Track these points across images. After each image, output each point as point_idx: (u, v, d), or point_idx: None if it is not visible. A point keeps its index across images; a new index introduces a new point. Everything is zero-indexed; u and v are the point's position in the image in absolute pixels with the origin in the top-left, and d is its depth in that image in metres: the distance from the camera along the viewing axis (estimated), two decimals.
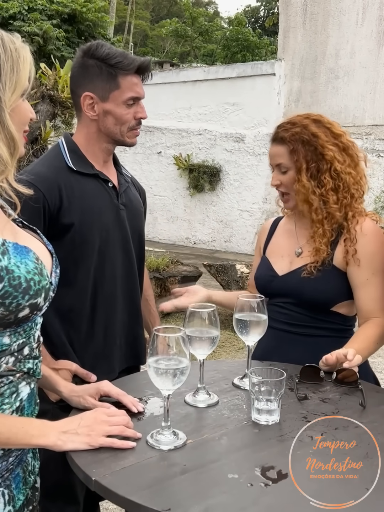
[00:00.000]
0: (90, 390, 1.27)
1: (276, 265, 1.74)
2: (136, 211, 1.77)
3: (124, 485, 0.96)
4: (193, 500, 0.93)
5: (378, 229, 1.66)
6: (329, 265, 1.64)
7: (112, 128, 1.62)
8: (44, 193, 1.53)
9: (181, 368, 1.09)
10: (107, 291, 1.65)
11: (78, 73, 1.62)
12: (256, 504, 0.92)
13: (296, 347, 1.63)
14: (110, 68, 1.56)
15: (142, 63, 1.59)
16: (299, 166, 1.64)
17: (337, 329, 1.67)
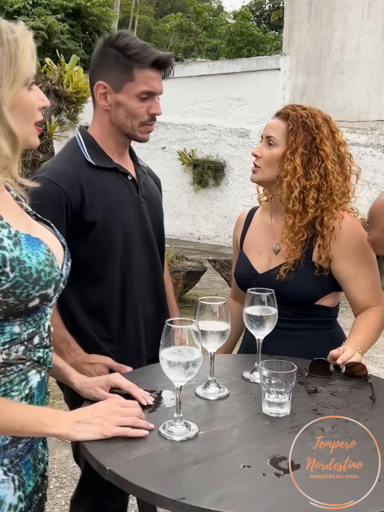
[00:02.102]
0: (101, 382, 1.28)
1: (255, 263, 1.74)
2: (155, 202, 1.77)
3: (138, 475, 0.98)
4: (207, 489, 0.94)
5: (358, 223, 1.67)
6: (305, 263, 1.63)
7: (124, 121, 1.59)
8: (66, 190, 1.52)
9: (193, 360, 1.10)
10: (135, 285, 1.66)
11: (96, 61, 1.60)
12: (268, 494, 0.94)
13: (283, 341, 1.62)
14: (127, 59, 1.53)
15: (160, 57, 1.55)
16: (295, 147, 1.62)
17: (322, 321, 1.69)
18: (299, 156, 1.61)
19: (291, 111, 1.66)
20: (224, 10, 38.17)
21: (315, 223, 1.64)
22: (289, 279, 1.63)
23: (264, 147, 1.70)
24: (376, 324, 1.63)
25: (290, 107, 1.69)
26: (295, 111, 1.65)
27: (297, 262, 1.63)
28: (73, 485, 2.73)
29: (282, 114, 1.68)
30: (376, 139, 9.17)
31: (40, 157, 5.44)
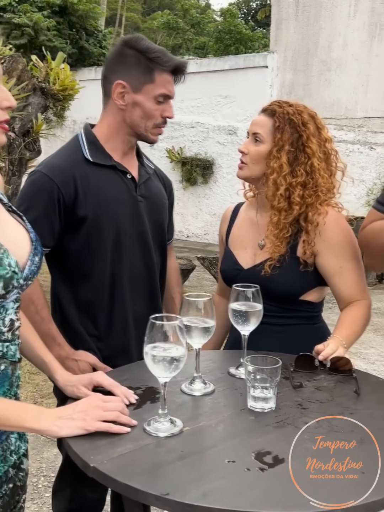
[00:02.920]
0: (84, 380, 1.28)
1: (240, 258, 1.74)
2: (157, 203, 1.76)
3: (122, 471, 0.98)
4: (191, 485, 0.94)
5: (342, 218, 1.67)
6: (290, 258, 1.63)
7: (138, 121, 1.61)
8: (58, 184, 1.54)
9: (177, 356, 1.10)
10: (125, 283, 1.65)
11: (114, 60, 1.62)
12: (253, 488, 0.94)
13: (268, 337, 1.62)
14: (149, 61, 1.56)
15: (180, 63, 1.60)
16: (281, 145, 1.62)
17: (306, 316, 1.70)
18: (285, 154, 1.61)
19: (277, 108, 1.66)
20: (212, 7, 38.15)
21: (299, 218, 1.65)
22: (274, 274, 1.63)
23: (251, 144, 1.70)
24: (361, 319, 1.64)
25: (276, 103, 1.69)
26: (281, 108, 1.65)
27: (282, 257, 1.63)
28: None
29: (269, 111, 1.68)
30: (363, 136, 9.22)
31: (27, 155, 5.40)
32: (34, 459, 2.92)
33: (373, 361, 4.68)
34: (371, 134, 9.16)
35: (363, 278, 1.70)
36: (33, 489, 2.66)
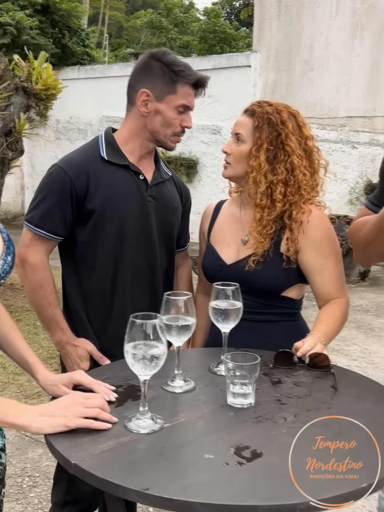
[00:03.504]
0: (64, 379, 1.29)
1: (223, 254, 1.76)
2: (167, 206, 1.82)
3: (103, 468, 0.99)
4: (171, 480, 0.96)
5: (324, 216, 1.71)
6: (274, 254, 1.66)
7: (158, 128, 1.71)
8: (72, 177, 1.66)
9: (158, 354, 1.12)
10: (127, 278, 1.74)
11: (141, 70, 1.72)
12: (231, 482, 0.96)
13: (249, 333, 1.65)
14: (173, 73, 1.66)
15: (201, 78, 1.70)
16: (260, 144, 1.65)
17: (287, 313, 1.73)
18: (264, 152, 1.64)
19: (257, 108, 1.69)
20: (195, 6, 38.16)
21: (283, 216, 1.68)
22: (258, 269, 1.66)
23: (233, 144, 1.73)
24: (340, 316, 1.67)
25: (256, 103, 1.72)
26: (261, 108, 1.68)
27: (266, 253, 1.66)
28: (46, 483, 2.73)
29: (249, 111, 1.71)
30: (346, 135, 9.31)
31: (10, 155, 5.38)
32: (18, 459, 2.92)
33: (355, 358, 4.74)
34: (353, 133, 9.25)
35: (342, 277, 1.73)
36: (18, 489, 2.66)
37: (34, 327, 5.01)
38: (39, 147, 12.28)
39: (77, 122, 11.97)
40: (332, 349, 4.97)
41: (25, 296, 5.85)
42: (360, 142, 9.16)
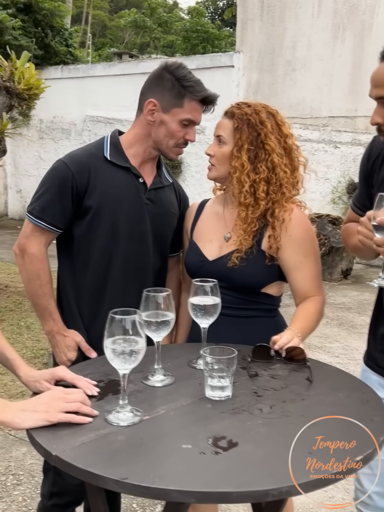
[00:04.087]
0: (46, 375, 1.31)
1: (205, 250, 1.80)
2: (164, 210, 1.87)
3: (83, 459, 1.02)
4: (149, 469, 0.99)
5: (305, 216, 1.76)
6: (257, 251, 1.70)
7: (161, 138, 1.76)
8: (74, 173, 1.73)
9: (137, 349, 1.15)
10: (119, 275, 1.80)
11: (152, 80, 1.77)
12: (207, 470, 0.99)
13: (228, 328, 1.69)
14: (182, 88, 1.71)
15: (209, 95, 1.74)
16: (241, 144, 1.70)
17: (266, 309, 1.77)
18: (245, 153, 1.69)
19: (236, 110, 1.73)
20: (179, 6, 38.17)
21: (266, 214, 1.72)
22: (239, 266, 1.69)
23: (216, 146, 1.77)
24: (315, 313, 1.72)
25: (235, 105, 1.76)
26: (239, 109, 1.72)
27: (249, 250, 1.70)
28: (30, 481, 2.75)
29: (229, 113, 1.75)
30: (328, 135, 9.40)
31: None
32: (2, 458, 2.93)
33: (337, 355, 4.81)
34: (336, 133, 9.34)
35: (320, 275, 1.78)
36: (2, 488, 2.68)
37: (18, 327, 5.00)
38: (22, 147, 12.20)
39: (61, 122, 11.92)
40: (314, 346, 5.04)
41: (8, 296, 5.84)
42: (342, 142, 9.25)
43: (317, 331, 5.92)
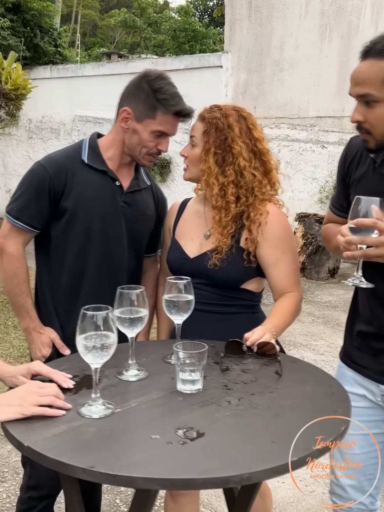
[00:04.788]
0: (22, 370, 1.35)
1: (186, 248, 1.84)
2: (140, 213, 1.90)
3: (54, 449, 1.06)
4: (117, 458, 1.03)
5: (281, 213, 1.80)
6: (236, 250, 1.75)
7: (134, 146, 1.80)
8: (51, 175, 1.76)
9: (108, 343, 1.19)
10: (94, 275, 1.83)
11: (130, 88, 1.80)
12: (173, 459, 1.03)
13: (209, 324, 1.75)
14: (155, 100, 1.73)
15: (183, 110, 1.77)
16: (208, 148, 1.74)
17: (246, 305, 1.81)
18: (212, 156, 1.73)
19: (207, 114, 1.77)
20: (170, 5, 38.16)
21: (242, 216, 1.76)
22: (221, 266, 1.74)
23: (189, 147, 1.81)
24: (291, 309, 1.76)
25: (207, 109, 1.80)
26: (210, 113, 1.76)
27: (228, 250, 1.74)
28: (15, 478, 2.78)
29: (200, 116, 1.79)
30: (316, 135, 9.47)
31: None
32: None
33: (322, 352, 4.87)
34: (323, 133, 9.41)
35: (297, 272, 1.82)
36: None
37: (5, 326, 5.02)
38: (12, 147, 12.19)
39: (50, 122, 11.91)
40: (299, 343, 5.10)
41: None
42: (330, 141, 9.33)
43: (303, 329, 5.99)
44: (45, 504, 1.92)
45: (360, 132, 1.50)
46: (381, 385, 1.57)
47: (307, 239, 7.70)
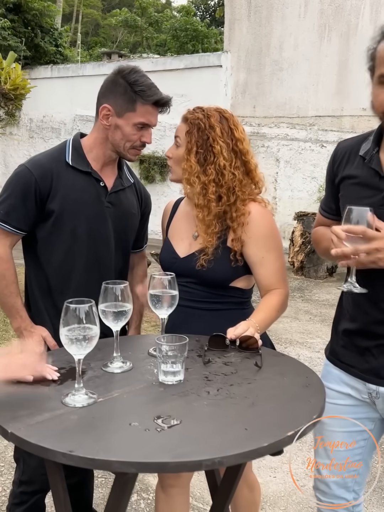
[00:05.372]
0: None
1: (177, 248, 1.89)
2: (124, 212, 1.95)
3: (36, 435, 1.11)
4: (95, 444, 1.08)
5: (265, 212, 1.83)
6: (222, 250, 1.79)
7: (118, 141, 1.83)
8: (36, 178, 1.79)
9: (90, 335, 1.24)
10: (82, 275, 1.88)
11: (106, 86, 1.84)
12: (149, 444, 1.08)
13: (200, 320, 1.79)
14: (133, 93, 1.77)
15: (161, 99, 1.81)
16: (190, 147, 1.78)
17: (236, 302, 1.86)
18: (194, 155, 1.77)
19: (189, 115, 1.81)
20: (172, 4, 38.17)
21: (226, 218, 1.81)
22: (208, 266, 1.78)
23: (173, 148, 1.85)
24: (276, 305, 1.80)
25: (191, 110, 1.84)
26: (192, 114, 1.81)
27: (215, 250, 1.79)
28: (11, 472, 2.83)
29: (184, 117, 1.83)
30: (315, 134, 9.52)
31: None
32: None
33: (318, 350, 4.91)
34: (322, 132, 9.46)
35: (282, 269, 1.86)
36: None
37: (4, 324, 5.08)
38: (13, 146, 12.27)
39: (51, 121, 11.99)
40: (296, 341, 5.14)
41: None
42: (329, 141, 9.37)
43: (300, 327, 6.02)
44: (36, 498, 1.97)
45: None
46: (367, 383, 1.59)
47: (305, 238, 7.74)
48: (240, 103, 10.16)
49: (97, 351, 1.55)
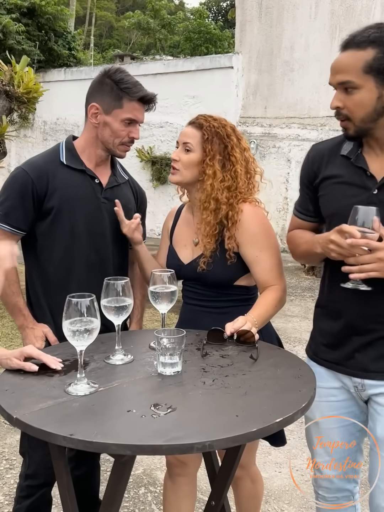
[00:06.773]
0: (15, 353, 1.48)
1: (181, 255, 1.97)
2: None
3: (39, 421, 1.18)
4: (94, 428, 1.15)
5: (257, 212, 1.89)
6: (220, 252, 1.86)
7: (107, 138, 1.90)
8: (33, 179, 1.87)
9: (91, 327, 1.31)
10: (82, 270, 1.93)
11: (94, 86, 1.92)
12: (144, 429, 1.15)
13: (207, 318, 1.86)
14: (119, 90, 1.85)
15: (146, 95, 1.88)
16: (213, 154, 1.84)
17: (241, 299, 1.92)
18: (217, 162, 1.85)
19: (204, 122, 1.87)
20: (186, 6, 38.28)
21: (222, 217, 1.87)
22: (209, 268, 1.86)
23: (182, 152, 1.90)
24: (273, 300, 1.86)
25: (202, 117, 1.90)
26: (207, 122, 1.87)
27: (214, 252, 1.86)
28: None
29: (196, 124, 1.89)
30: (326, 135, 9.51)
31: None
32: None
33: None
34: (333, 133, 9.45)
35: (278, 265, 1.91)
36: None
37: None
38: (27, 149, 12.43)
39: (64, 123, 12.14)
40: (305, 340, 5.18)
41: None
42: None
43: (309, 326, 6.05)
44: (43, 492, 2.03)
45: (339, 119, 1.56)
46: (353, 377, 1.63)
47: None
48: (251, 104, 10.22)
49: (101, 345, 1.63)
